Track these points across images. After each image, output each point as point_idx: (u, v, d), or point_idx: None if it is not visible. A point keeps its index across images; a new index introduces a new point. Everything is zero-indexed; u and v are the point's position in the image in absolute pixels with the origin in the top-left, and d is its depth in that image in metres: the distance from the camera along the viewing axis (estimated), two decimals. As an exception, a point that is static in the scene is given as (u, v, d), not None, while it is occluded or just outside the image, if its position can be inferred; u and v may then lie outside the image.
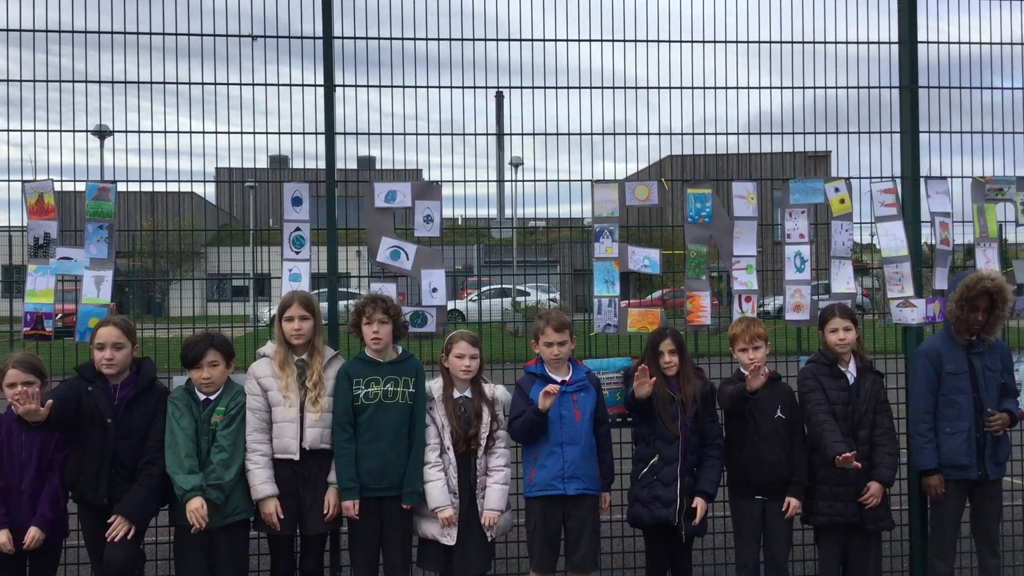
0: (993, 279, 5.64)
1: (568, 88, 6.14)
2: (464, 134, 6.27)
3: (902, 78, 6.38)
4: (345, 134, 6.02)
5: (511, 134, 6.36)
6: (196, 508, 5.00)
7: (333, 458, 5.32)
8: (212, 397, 5.27)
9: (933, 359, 5.71)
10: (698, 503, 5.48)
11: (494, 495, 5.41)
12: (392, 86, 6.11)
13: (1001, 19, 6.43)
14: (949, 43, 6.40)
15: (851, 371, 5.66)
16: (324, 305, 6.09)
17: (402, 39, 6.01)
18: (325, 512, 5.29)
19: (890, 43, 6.40)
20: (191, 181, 6.37)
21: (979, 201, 6.39)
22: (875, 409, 5.59)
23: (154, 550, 5.99)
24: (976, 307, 5.64)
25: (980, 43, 6.44)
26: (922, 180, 6.33)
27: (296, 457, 5.24)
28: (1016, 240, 6.87)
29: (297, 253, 5.95)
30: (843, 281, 6.27)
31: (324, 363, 5.37)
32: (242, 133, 5.98)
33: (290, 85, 6.03)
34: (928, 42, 6.37)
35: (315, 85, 6.01)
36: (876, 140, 6.41)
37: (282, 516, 5.23)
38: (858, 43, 6.38)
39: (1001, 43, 6.45)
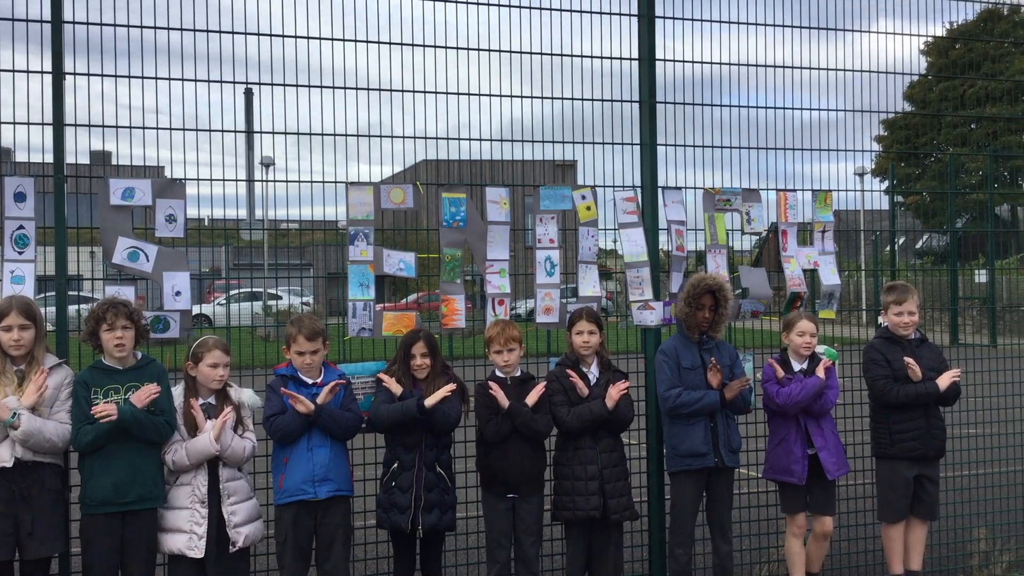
0: (715, 278, 6.13)
1: (321, 87, 6.00)
2: (211, 130, 5.98)
3: (641, 93, 6.73)
4: (76, 126, 5.58)
5: (261, 132, 6.14)
6: None
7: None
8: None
9: (672, 356, 6.08)
10: None
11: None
12: (130, 76, 5.73)
13: (731, 42, 6.93)
14: (684, 62, 6.82)
15: (593, 371, 5.93)
16: (52, 310, 5.65)
17: (141, 27, 5.65)
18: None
19: (631, 59, 6.74)
20: None
21: (710, 210, 6.84)
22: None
23: None
24: (702, 305, 6.08)
25: (712, 63, 6.92)
26: (660, 190, 6.70)
27: (9, 464, 4.82)
28: (742, 247, 7.42)
29: (20, 253, 5.47)
30: (589, 285, 6.53)
31: None
32: (-44, 122, 5.43)
33: (13, 71, 5.52)
34: (665, 60, 6.77)
35: (42, 72, 5.54)
36: (619, 151, 6.73)
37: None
38: (602, 58, 6.66)
39: (731, 63, 6.96)
